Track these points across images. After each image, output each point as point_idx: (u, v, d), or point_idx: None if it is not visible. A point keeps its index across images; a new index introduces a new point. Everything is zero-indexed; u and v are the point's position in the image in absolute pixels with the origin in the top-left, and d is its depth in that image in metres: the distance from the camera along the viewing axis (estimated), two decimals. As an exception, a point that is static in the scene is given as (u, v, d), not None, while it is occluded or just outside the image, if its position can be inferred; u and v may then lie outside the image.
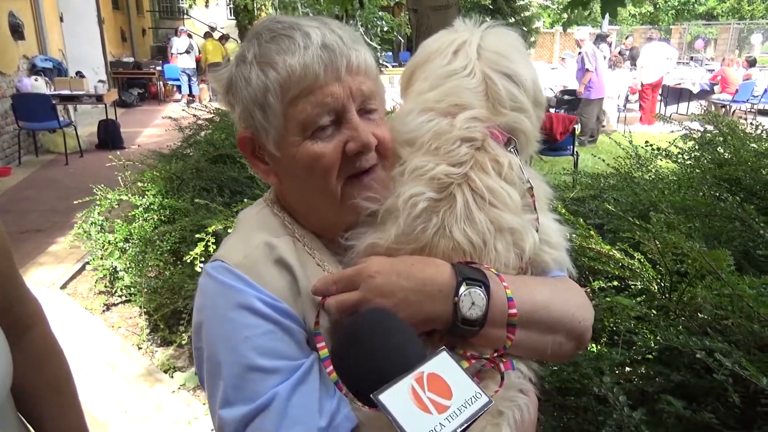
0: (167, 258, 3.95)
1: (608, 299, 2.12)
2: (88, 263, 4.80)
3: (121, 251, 4.19)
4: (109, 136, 10.15)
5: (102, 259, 4.36)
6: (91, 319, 4.32)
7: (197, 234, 3.25)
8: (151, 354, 3.89)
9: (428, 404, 0.68)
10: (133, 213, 4.21)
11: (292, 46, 0.89)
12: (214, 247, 3.02)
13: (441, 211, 0.91)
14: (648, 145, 3.64)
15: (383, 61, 17.85)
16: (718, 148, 3.21)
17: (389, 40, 18.58)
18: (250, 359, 0.84)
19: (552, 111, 9.66)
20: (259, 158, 0.99)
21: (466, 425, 0.67)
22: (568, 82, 12.66)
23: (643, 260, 2.24)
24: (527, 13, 19.81)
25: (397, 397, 0.67)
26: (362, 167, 0.93)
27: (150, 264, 3.98)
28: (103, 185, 4.49)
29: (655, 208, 2.52)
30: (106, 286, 4.62)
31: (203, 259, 3.08)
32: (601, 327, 2.03)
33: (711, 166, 3.03)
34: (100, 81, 11.25)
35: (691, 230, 2.32)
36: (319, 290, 0.89)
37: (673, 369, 1.77)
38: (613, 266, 2.31)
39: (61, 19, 12.32)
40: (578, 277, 2.41)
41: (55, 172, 8.71)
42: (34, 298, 1.23)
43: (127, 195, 4.23)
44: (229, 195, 4.13)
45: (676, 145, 3.55)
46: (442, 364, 0.72)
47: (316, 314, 0.89)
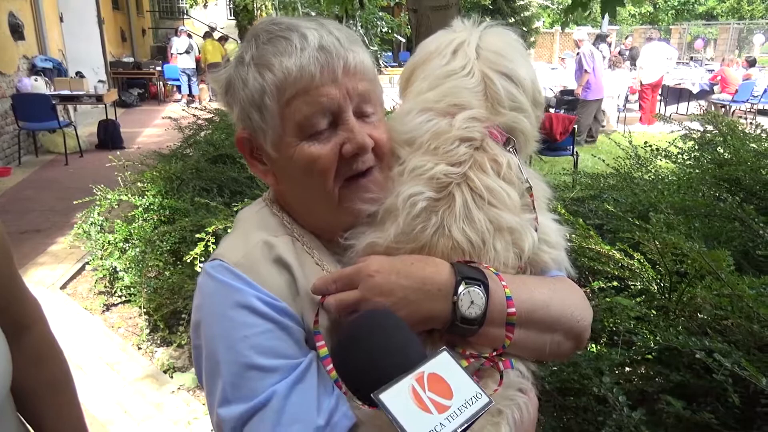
0: (167, 258, 3.95)
1: (608, 299, 2.12)
2: (88, 263, 4.80)
3: (121, 251, 4.19)
4: (109, 137, 10.15)
5: (102, 259, 4.37)
6: (90, 319, 4.32)
7: (197, 234, 3.25)
8: (151, 354, 3.89)
9: (429, 404, 0.68)
10: (133, 213, 4.21)
11: (289, 48, 0.89)
12: (214, 247, 3.02)
13: (440, 211, 0.91)
14: (647, 146, 3.65)
15: (383, 62, 17.85)
16: (718, 148, 3.21)
17: (389, 41, 18.59)
18: (249, 358, 0.84)
19: (552, 111, 9.65)
20: (257, 159, 0.99)
21: (466, 425, 0.67)
22: (568, 83, 12.65)
23: (642, 260, 2.24)
24: (527, 13, 19.84)
25: (397, 397, 0.67)
26: (359, 169, 0.93)
27: (150, 264, 3.98)
28: (103, 185, 4.49)
29: (654, 209, 2.52)
30: (106, 287, 4.62)
31: (203, 259, 3.08)
32: (600, 327, 2.03)
33: (711, 166, 3.03)
34: (100, 81, 11.25)
35: (690, 230, 2.32)
36: (319, 289, 0.89)
37: (673, 369, 1.77)
38: (612, 266, 2.31)
39: (61, 19, 12.32)
40: (578, 277, 2.42)
41: (55, 173, 8.70)
42: (33, 298, 1.23)
43: (126, 195, 4.23)
44: (229, 195, 4.13)
45: (675, 146, 3.55)
46: (443, 364, 0.72)
47: (316, 313, 0.89)
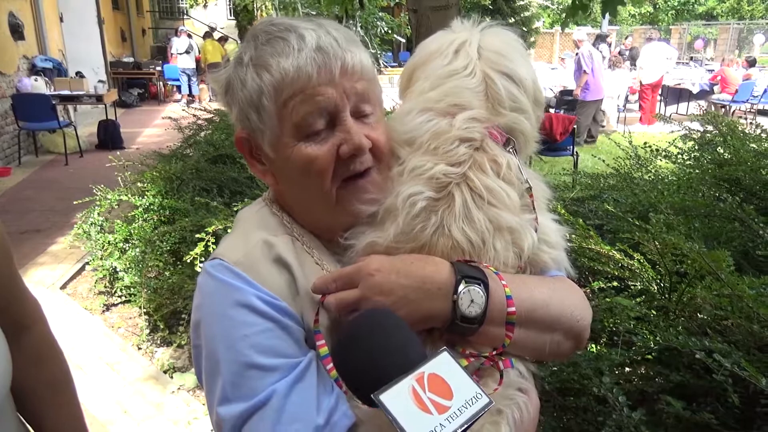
0: (167, 258, 3.95)
1: (608, 300, 2.12)
2: (88, 263, 4.80)
3: (121, 251, 4.19)
4: (109, 137, 10.15)
5: (102, 259, 4.37)
6: (90, 319, 4.32)
7: (197, 234, 3.25)
8: (151, 354, 3.89)
9: (429, 404, 0.68)
10: (133, 213, 4.21)
11: (287, 49, 0.89)
12: (214, 247, 3.01)
13: (440, 210, 0.91)
14: (647, 147, 3.65)
15: (383, 62, 17.85)
16: (718, 149, 3.21)
17: (389, 41, 18.59)
18: (249, 357, 0.84)
19: (552, 111, 9.65)
20: (257, 158, 1.00)
21: (466, 426, 0.67)
22: (568, 83, 12.65)
23: (642, 261, 2.24)
24: (527, 13, 19.84)
25: (397, 398, 0.67)
26: (356, 170, 0.93)
27: (150, 264, 3.98)
28: (103, 185, 4.49)
29: (654, 209, 2.52)
30: (106, 287, 4.62)
31: (203, 259, 3.08)
32: (600, 327, 2.03)
33: (711, 166, 3.03)
34: (100, 81, 11.25)
35: (690, 231, 2.32)
36: (319, 288, 0.89)
37: (673, 369, 1.77)
38: (612, 267, 2.31)
39: (61, 19, 12.32)
40: (578, 277, 2.42)
41: (55, 173, 8.70)
42: (33, 298, 1.23)
43: (126, 195, 4.23)
44: (228, 195, 4.14)
45: (675, 146, 3.55)
46: (443, 365, 0.72)
47: (316, 312, 0.89)
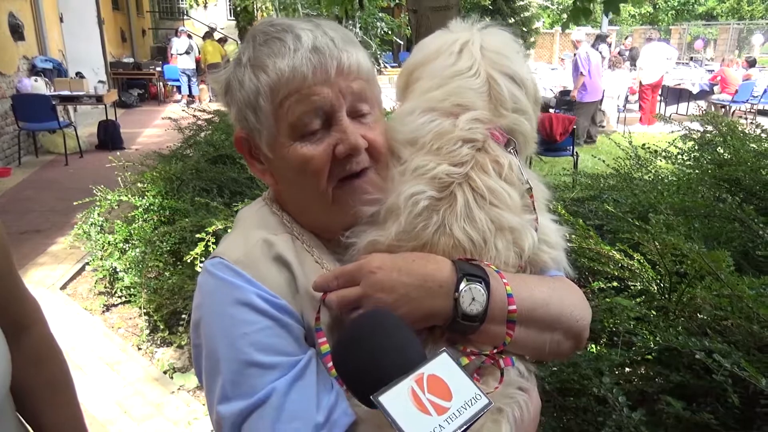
0: (167, 259, 3.96)
1: (608, 300, 2.12)
2: (88, 264, 4.80)
3: (121, 252, 4.19)
4: (109, 137, 10.15)
5: (102, 259, 4.37)
6: (90, 319, 4.32)
7: (197, 234, 3.25)
8: (151, 355, 3.89)
9: (428, 405, 0.68)
10: (133, 214, 4.22)
11: (283, 49, 0.90)
12: (214, 247, 3.01)
13: (441, 210, 0.91)
14: (646, 147, 3.65)
15: (383, 62, 17.85)
16: (718, 149, 3.22)
17: (389, 41, 18.59)
18: (249, 355, 0.84)
19: (552, 111, 9.65)
20: (255, 158, 1.00)
21: (465, 426, 0.67)
22: (568, 83, 12.66)
23: (642, 261, 2.24)
24: (527, 14, 19.85)
25: (396, 399, 0.67)
26: (353, 170, 0.94)
27: (150, 265, 3.98)
28: (103, 186, 4.50)
29: (654, 209, 2.52)
30: (106, 287, 4.62)
31: (203, 259, 3.08)
32: (600, 328, 2.03)
33: (710, 166, 3.03)
34: (100, 81, 11.25)
35: (690, 231, 2.32)
36: (320, 286, 0.89)
37: (673, 369, 1.78)
38: (612, 267, 2.31)
39: (61, 20, 12.32)
40: (578, 277, 2.42)
41: (55, 173, 8.70)
42: (32, 298, 1.23)
43: (127, 196, 4.24)
44: (228, 195, 4.14)
45: (675, 146, 3.56)
46: (443, 366, 0.72)
47: (317, 310, 0.89)
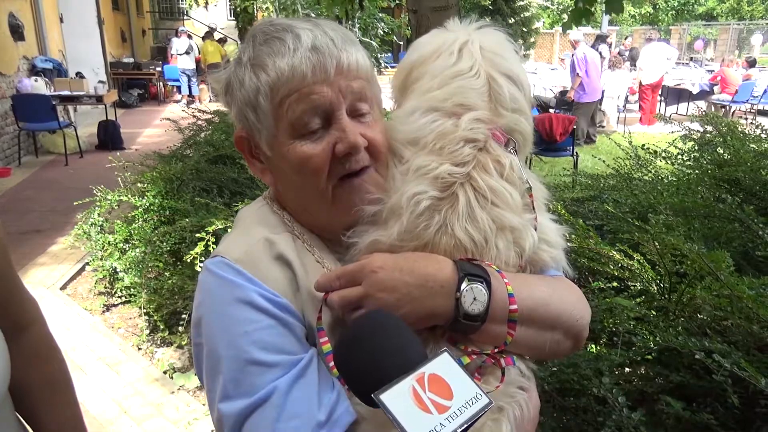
0: (167, 259, 3.96)
1: (608, 300, 2.12)
2: (88, 264, 4.80)
3: (121, 252, 4.19)
4: (109, 137, 10.15)
5: (102, 259, 4.37)
6: (90, 319, 4.32)
7: (197, 234, 3.25)
8: (151, 355, 3.89)
9: (429, 404, 0.68)
10: (133, 214, 4.22)
11: (283, 49, 0.90)
12: (214, 247, 3.01)
13: (443, 210, 0.91)
14: (646, 148, 3.65)
15: (383, 62, 17.84)
16: (718, 149, 3.22)
17: (389, 42, 18.59)
18: (250, 353, 0.84)
19: (552, 111, 9.64)
20: (256, 157, 1.01)
21: (466, 425, 0.68)
22: (568, 83, 12.66)
23: (642, 261, 2.24)
24: (527, 14, 19.88)
25: (398, 397, 0.68)
26: (352, 169, 0.94)
27: (150, 265, 3.98)
28: (103, 186, 4.50)
29: (654, 210, 2.52)
30: (106, 287, 4.62)
31: (203, 259, 3.08)
32: (600, 328, 2.03)
33: (710, 166, 3.03)
34: (100, 81, 11.25)
35: (690, 231, 2.32)
36: (322, 285, 0.89)
37: (673, 370, 1.78)
38: (612, 267, 2.32)
39: (61, 20, 12.32)
40: (578, 277, 2.42)
41: (55, 173, 8.70)
42: (31, 298, 1.23)
43: (127, 196, 4.24)
44: (228, 195, 4.14)
45: (675, 146, 3.56)
46: (444, 365, 0.72)
47: (319, 309, 0.89)
